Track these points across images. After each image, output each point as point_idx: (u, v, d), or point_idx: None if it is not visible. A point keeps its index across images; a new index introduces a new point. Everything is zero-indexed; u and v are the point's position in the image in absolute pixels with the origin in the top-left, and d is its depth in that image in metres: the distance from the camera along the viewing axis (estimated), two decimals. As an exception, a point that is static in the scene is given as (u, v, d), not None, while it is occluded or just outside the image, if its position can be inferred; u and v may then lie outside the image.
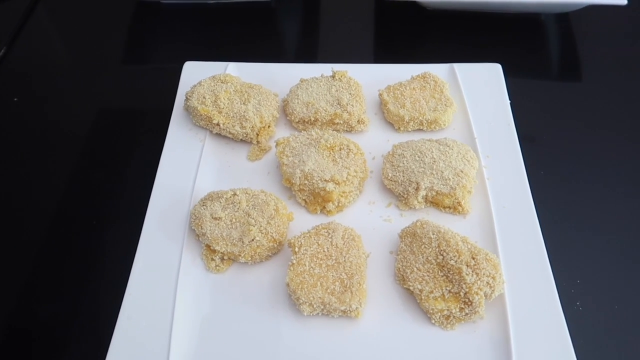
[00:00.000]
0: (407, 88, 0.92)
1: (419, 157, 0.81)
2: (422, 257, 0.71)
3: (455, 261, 0.68)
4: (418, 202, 0.80)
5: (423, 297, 0.69)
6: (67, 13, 1.28)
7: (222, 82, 0.92)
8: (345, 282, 0.69)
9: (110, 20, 1.24)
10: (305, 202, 0.82)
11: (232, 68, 0.99)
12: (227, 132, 0.88)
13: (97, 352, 0.68)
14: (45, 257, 0.84)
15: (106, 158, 0.97)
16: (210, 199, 0.78)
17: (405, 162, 0.81)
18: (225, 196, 0.78)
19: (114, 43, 1.20)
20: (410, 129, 0.91)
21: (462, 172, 0.79)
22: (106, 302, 0.75)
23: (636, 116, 1.01)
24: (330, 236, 0.73)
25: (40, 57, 1.18)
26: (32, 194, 0.93)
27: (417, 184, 0.79)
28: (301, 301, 0.68)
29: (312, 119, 0.89)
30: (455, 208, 0.80)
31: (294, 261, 0.71)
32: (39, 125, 1.04)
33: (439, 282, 0.69)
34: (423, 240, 0.72)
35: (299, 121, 0.91)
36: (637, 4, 1.08)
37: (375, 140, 0.90)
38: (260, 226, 0.74)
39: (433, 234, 0.72)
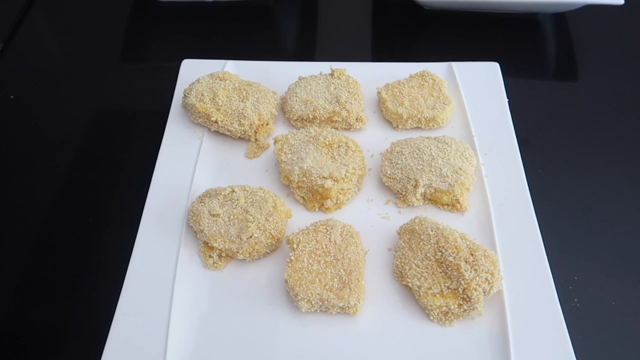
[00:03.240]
0: (406, 86, 0.92)
1: (417, 154, 0.82)
2: (421, 254, 0.71)
3: (454, 257, 0.68)
4: (416, 199, 0.80)
5: (422, 294, 0.69)
6: (64, 11, 1.27)
7: (220, 80, 0.92)
8: (344, 278, 0.69)
9: (107, 19, 1.24)
10: (304, 199, 0.82)
11: (231, 66, 0.98)
12: (225, 130, 0.88)
13: (93, 349, 0.68)
14: (41, 254, 0.84)
15: (104, 155, 0.97)
16: (208, 195, 0.78)
17: (403, 159, 0.81)
18: (223, 193, 0.77)
19: (111, 41, 1.19)
20: (408, 127, 0.91)
21: (460, 169, 0.79)
22: (103, 299, 0.74)
23: (632, 114, 1.01)
24: (328, 233, 0.73)
25: (37, 56, 1.18)
26: (29, 190, 0.92)
27: (416, 181, 0.79)
28: (299, 297, 0.68)
29: (311, 116, 0.89)
30: (453, 205, 0.80)
31: (293, 258, 0.71)
32: (36, 124, 1.04)
33: (437, 278, 0.69)
34: (421, 237, 0.72)
35: (297, 119, 0.91)
36: (634, 3, 1.09)
37: (373, 138, 0.90)
38: (259, 223, 0.74)
39: (431, 231, 0.72)
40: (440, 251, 0.70)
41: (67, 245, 0.85)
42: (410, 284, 0.70)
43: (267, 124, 0.90)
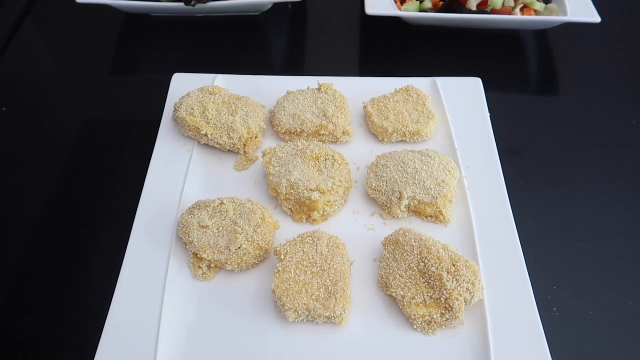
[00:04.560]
0: (391, 101, 0.95)
1: (402, 167, 0.84)
2: (405, 265, 0.73)
3: (437, 268, 0.71)
4: (401, 211, 0.82)
5: (405, 304, 0.71)
6: (56, 24, 1.29)
7: (210, 94, 0.93)
8: (330, 289, 0.71)
9: (99, 32, 1.25)
10: (291, 211, 0.84)
11: (221, 80, 1.00)
12: (215, 143, 0.90)
13: (83, 359, 0.69)
14: (32, 265, 0.84)
15: (94, 168, 0.98)
16: (198, 207, 0.80)
17: (388, 172, 0.84)
18: (212, 205, 0.79)
19: (103, 54, 1.21)
20: (393, 141, 0.93)
21: (443, 182, 0.82)
22: (93, 310, 0.75)
23: (610, 128, 1.05)
24: (315, 244, 0.75)
25: (29, 68, 1.19)
26: (20, 202, 0.93)
27: (400, 193, 0.81)
28: (287, 308, 0.69)
29: (299, 130, 0.91)
30: (437, 217, 0.82)
31: (280, 268, 0.73)
32: (28, 135, 1.05)
33: (420, 288, 0.71)
34: (405, 248, 0.74)
35: (285, 132, 0.93)
36: (611, 21, 1.13)
37: (359, 151, 0.93)
38: (247, 234, 0.76)
39: (415, 242, 0.74)
40: (424, 262, 0.72)
41: (57, 256, 0.85)
42: (394, 294, 0.72)
43: (256, 138, 0.92)
